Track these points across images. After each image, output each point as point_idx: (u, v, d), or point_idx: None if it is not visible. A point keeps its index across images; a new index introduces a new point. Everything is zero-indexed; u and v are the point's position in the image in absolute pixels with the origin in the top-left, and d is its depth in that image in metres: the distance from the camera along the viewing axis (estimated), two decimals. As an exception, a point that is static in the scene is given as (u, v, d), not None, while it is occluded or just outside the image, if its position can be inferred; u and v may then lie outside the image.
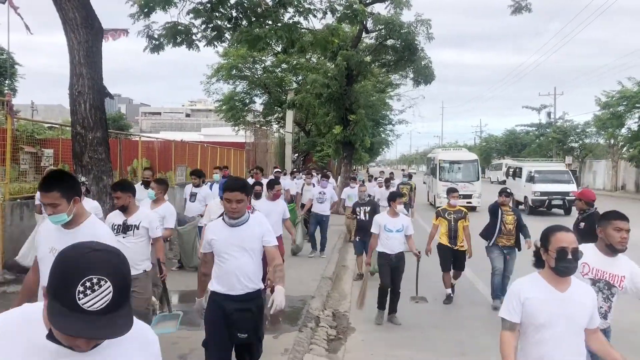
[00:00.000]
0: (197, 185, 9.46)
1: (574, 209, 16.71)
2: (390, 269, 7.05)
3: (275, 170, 16.63)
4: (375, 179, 18.40)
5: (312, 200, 12.04)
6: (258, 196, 8.09)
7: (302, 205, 13.14)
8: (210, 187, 9.85)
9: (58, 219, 3.09)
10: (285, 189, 13.83)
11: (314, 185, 13.41)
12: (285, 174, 17.60)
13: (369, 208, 9.74)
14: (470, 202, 21.70)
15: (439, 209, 8.67)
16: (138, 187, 8.39)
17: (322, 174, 14.43)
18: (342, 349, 6.25)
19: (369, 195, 16.85)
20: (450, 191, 8.50)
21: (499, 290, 7.82)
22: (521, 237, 8.10)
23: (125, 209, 4.98)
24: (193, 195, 9.36)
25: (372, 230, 7.23)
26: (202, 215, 8.48)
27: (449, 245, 8.14)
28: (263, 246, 3.98)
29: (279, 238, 7.38)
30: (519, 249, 8.02)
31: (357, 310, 7.41)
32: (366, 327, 7.01)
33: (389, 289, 7.10)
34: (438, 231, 8.32)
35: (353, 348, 6.22)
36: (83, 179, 4.88)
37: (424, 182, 28.53)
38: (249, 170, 11.97)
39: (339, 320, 7.31)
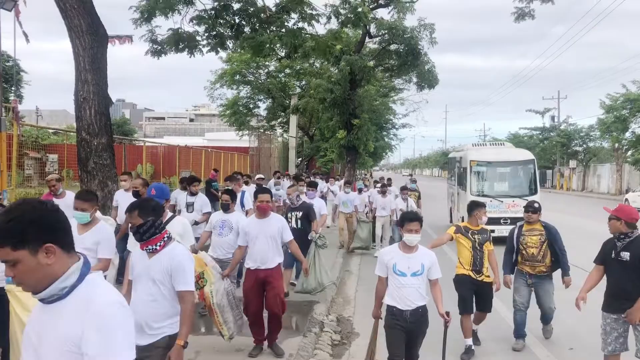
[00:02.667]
0: (194, 194, 8.57)
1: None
2: (405, 334, 4.73)
3: (258, 176, 13.87)
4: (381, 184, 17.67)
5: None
6: (226, 208, 6.78)
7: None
8: (242, 197, 8.97)
9: None
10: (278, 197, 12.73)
11: (305, 194, 10.92)
12: (280, 177, 15.42)
13: (300, 214, 8.09)
14: None
15: (460, 224, 6.56)
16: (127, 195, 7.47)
17: (308, 182, 11.02)
18: (346, 354, 6.24)
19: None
20: (476, 206, 6.37)
21: (521, 329, 6.42)
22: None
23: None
24: (190, 205, 8.47)
25: (377, 272, 4.86)
26: (197, 222, 7.91)
27: (471, 275, 6.10)
28: None
29: (277, 269, 5.78)
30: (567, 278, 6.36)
31: (362, 316, 7.37)
32: (370, 332, 6.97)
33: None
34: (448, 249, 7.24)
35: (357, 353, 6.20)
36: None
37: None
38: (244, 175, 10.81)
39: (343, 325, 7.29)
